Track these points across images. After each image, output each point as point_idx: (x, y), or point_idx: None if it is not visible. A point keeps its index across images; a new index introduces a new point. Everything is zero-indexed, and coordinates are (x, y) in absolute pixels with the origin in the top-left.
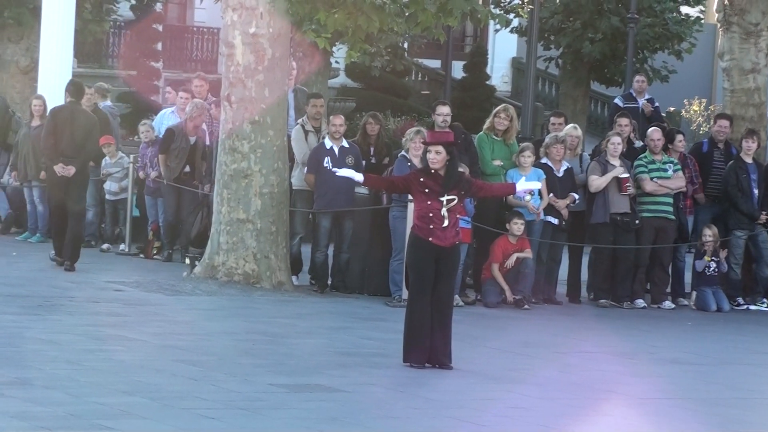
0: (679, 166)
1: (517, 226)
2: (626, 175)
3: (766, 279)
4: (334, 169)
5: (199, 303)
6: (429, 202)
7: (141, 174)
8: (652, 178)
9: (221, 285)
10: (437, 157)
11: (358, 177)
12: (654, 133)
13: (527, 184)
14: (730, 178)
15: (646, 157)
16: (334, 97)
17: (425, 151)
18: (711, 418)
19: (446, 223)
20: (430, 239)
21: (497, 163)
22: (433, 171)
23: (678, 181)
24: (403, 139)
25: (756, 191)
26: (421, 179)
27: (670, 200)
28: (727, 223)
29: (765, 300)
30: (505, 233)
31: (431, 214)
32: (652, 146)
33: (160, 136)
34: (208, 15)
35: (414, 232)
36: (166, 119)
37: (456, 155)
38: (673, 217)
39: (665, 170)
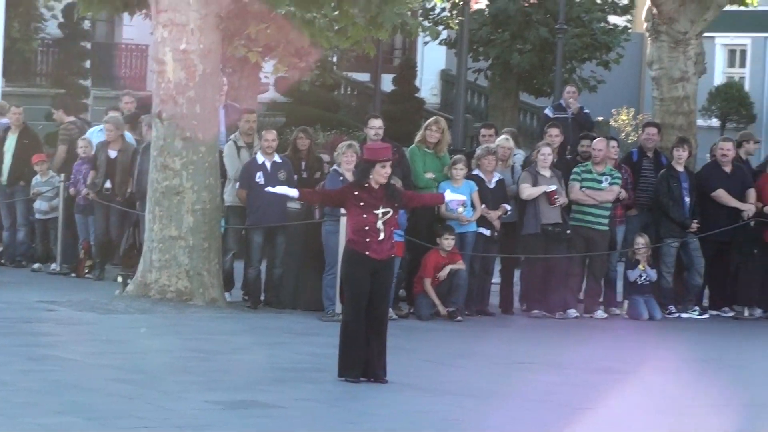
0: (618, 180)
1: (448, 242)
2: (554, 187)
3: (698, 287)
4: (269, 188)
5: (132, 321)
6: (364, 216)
7: (72, 191)
8: (582, 188)
9: (154, 303)
10: (389, 171)
11: (293, 193)
12: (598, 143)
13: (454, 195)
14: (662, 187)
15: (585, 165)
16: (264, 112)
17: (360, 165)
18: (645, 427)
19: (382, 236)
20: (367, 252)
21: (429, 175)
22: (367, 185)
23: (608, 195)
24: (335, 153)
25: (687, 199)
26: (356, 193)
27: (604, 211)
28: (659, 232)
29: (697, 308)
30: (437, 247)
31: (367, 228)
32: (594, 156)
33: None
34: (137, 32)
35: (349, 246)
36: (94, 137)
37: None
38: (604, 227)
39: (600, 182)
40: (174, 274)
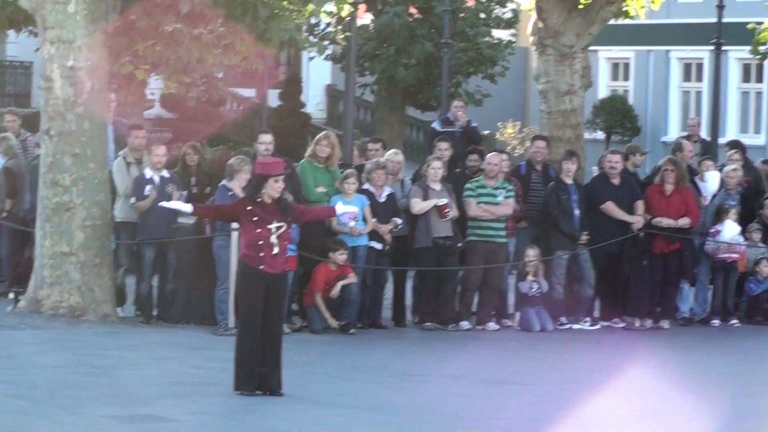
0: (512, 193)
1: (343, 257)
2: (444, 201)
3: (588, 298)
4: (162, 203)
5: (25, 337)
6: (258, 230)
7: None
8: (479, 203)
9: (47, 319)
10: (282, 185)
11: (187, 207)
12: (493, 157)
13: (346, 207)
14: (551, 199)
15: (478, 180)
16: (151, 128)
17: (252, 180)
18: None
19: (276, 250)
20: (261, 267)
21: (321, 190)
22: (260, 200)
23: (505, 209)
24: (227, 169)
25: (577, 212)
26: (249, 207)
27: (501, 224)
28: (549, 244)
29: (588, 319)
30: (327, 260)
31: (261, 242)
32: (488, 170)
33: None
34: (20, 49)
35: (243, 261)
36: None
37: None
38: (503, 240)
39: (495, 195)
40: (66, 290)
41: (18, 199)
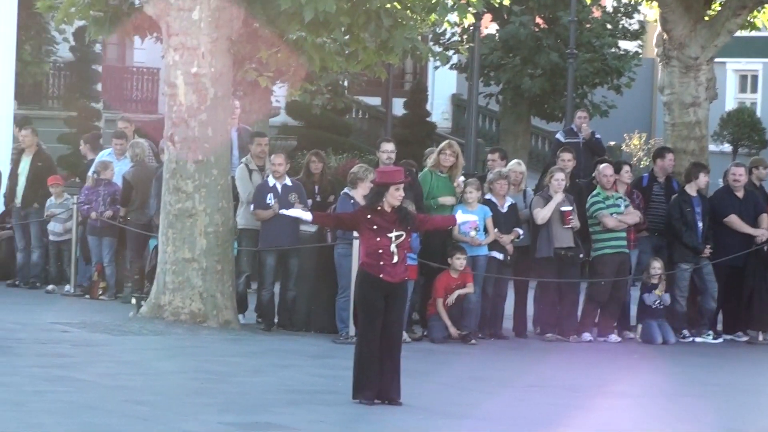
0: (627, 201)
1: (460, 261)
2: (570, 208)
3: (711, 311)
4: (283, 210)
5: (146, 343)
6: (378, 239)
7: (94, 215)
8: (611, 214)
9: (168, 324)
10: (402, 194)
11: (307, 216)
12: (606, 169)
13: (466, 216)
14: (674, 212)
15: (600, 193)
16: (276, 135)
17: (372, 189)
18: None
19: (396, 259)
20: (381, 276)
21: (448, 201)
22: (380, 208)
23: (634, 216)
24: (349, 177)
25: (700, 224)
26: (369, 216)
27: (625, 235)
28: (672, 256)
29: (710, 332)
30: (448, 268)
31: (380, 251)
32: (605, 182)
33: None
34: (148, 55)
35: (363, 269)
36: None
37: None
38: (626, 250)
39: (618, 206)
40: (187, 296)
41: (133, 207)
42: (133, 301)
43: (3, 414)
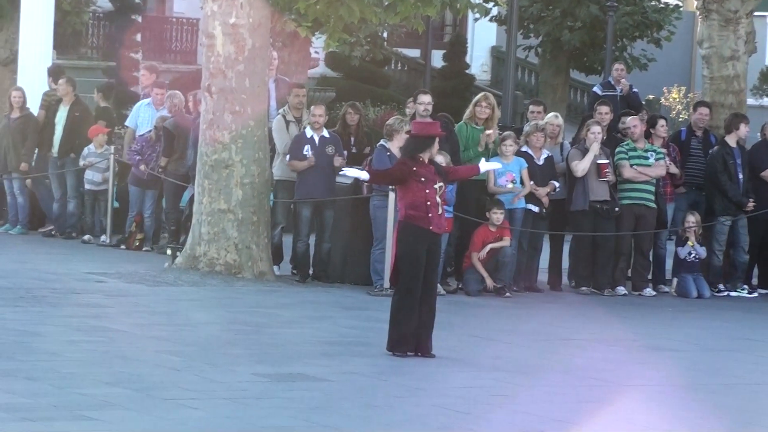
0: (662, 155)
1: (497, 216)
2: (606, 161)
3: (744, 263)
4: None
5: (180, 294)
6: (427, 191)
7: (142, 167)
8: (632, 165)
9: (203, 275)
10: (437, 146)
11: (364, 175)
12: (632, 120)
13: (489, 165)
14: (718, 164)
15: (627, 144)
16: (314, 87)
17: (410, 140)
18: (695, 404)
19: (440, 210)
20: (431, 227)
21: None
22: (421, 159)
23: (658, 169)
24: (385, 129)
25: (741, 176)
26: (414, 168)
27: (652, 188)
28: (714, 209)
29: (746, 286)
30: (486, 222)
31: (429, 203)
32: (630, 134)
33: (134, 128)
34: (188, 5)
35: (409, 222)
36: (142, 111)
37: (442, 144)
38: (653, 204)
39: (646, 158)
40: (223, 247)
41: (174, 158)
42: (169, 251)
43: (37, 363)
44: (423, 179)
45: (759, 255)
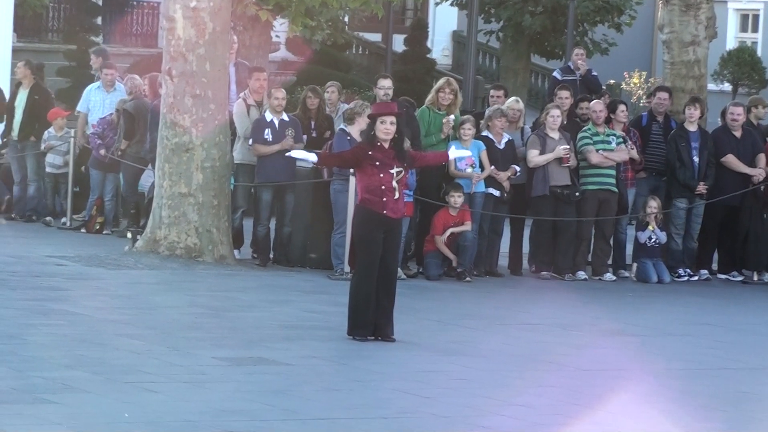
0: (621, 139)
1: (454, 199)
2: (567, 147)
3: (692, 250)
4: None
5: (141, 277)
6: (381, 175)
7: (103, 152)
8: (597, 150)
9: (163, 259)
10: (390, 128)
11: (312, 157)
12: (596, 104)
13: (459, 152)
14: (671, 148)
15: (590, 129)
16: (275, 71)
17: (370, 125)
18: (653, 389)
19: (397, 195)
20: (384, 212)
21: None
22: (379, 144)
23: (622, 154)
24: (346, 112)
25: (696, 159)
26: (370, 153)
27: (614, 172)
28: (669, 193)
29: (705, 271)
30: (446, 206)
31: (383, 187)
32: (595, 118)
33: (86, 111)
34: None
35: (364, 206)
36: (92, 95)
37: (401, 128)
38: (616, 189)
39: (609, 143)
40: (183, 231)
41: (134, 141)
42: (129, 235)
43: None
44: (378, 163)
45: (719, 241)
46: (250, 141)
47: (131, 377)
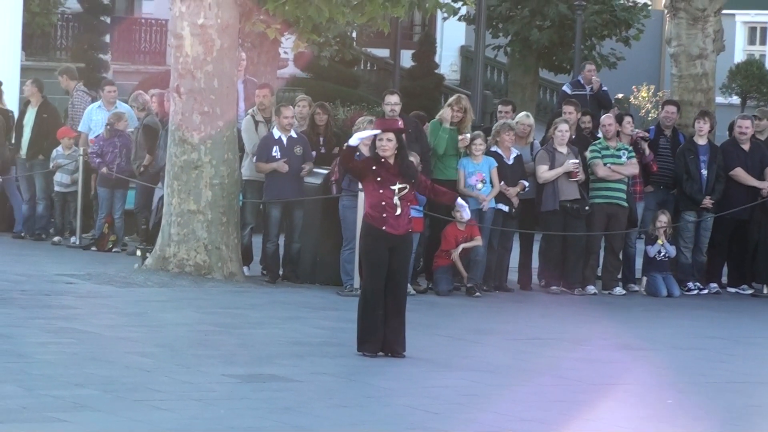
0: (633, 153)
1: (460, 215)
2: (575, 160)
3: (701, 264)
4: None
5: (150, 295)
6: (381, 191)
7: (105, 170)
8: (605, 164)
9: (173, 276)
10: (388, 144)
11: (353, 140)
12: (606, 119)
13: (465, 209)
14: (679, 161)
15: (600, 143)
16: (284, 87)
17: (374, 141)
18: (662, 403)
19: (399, 211)
20: (384, 228)
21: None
22: (383, 160)
23: (631, 168)
24: (353, 129)
25: (704, 173)
26: (373, 167)
27: (623, 186)
28: (678, 206)
29: (715, 285)
30: (454, 220)
31: (384, 203)
32: (605, 132)
33: (87, 131)
34: (156, 6)
35: (367, 222)
36: (94, 114)
37: (405, 144)
38: (625, 203)
39: (619, 156)
40: (192, 248)
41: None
42: (138, 253)
43: (6, 366)
44: (379, 179)
45: (729, 254)
46: (254, 158)
47: (141, 395)
